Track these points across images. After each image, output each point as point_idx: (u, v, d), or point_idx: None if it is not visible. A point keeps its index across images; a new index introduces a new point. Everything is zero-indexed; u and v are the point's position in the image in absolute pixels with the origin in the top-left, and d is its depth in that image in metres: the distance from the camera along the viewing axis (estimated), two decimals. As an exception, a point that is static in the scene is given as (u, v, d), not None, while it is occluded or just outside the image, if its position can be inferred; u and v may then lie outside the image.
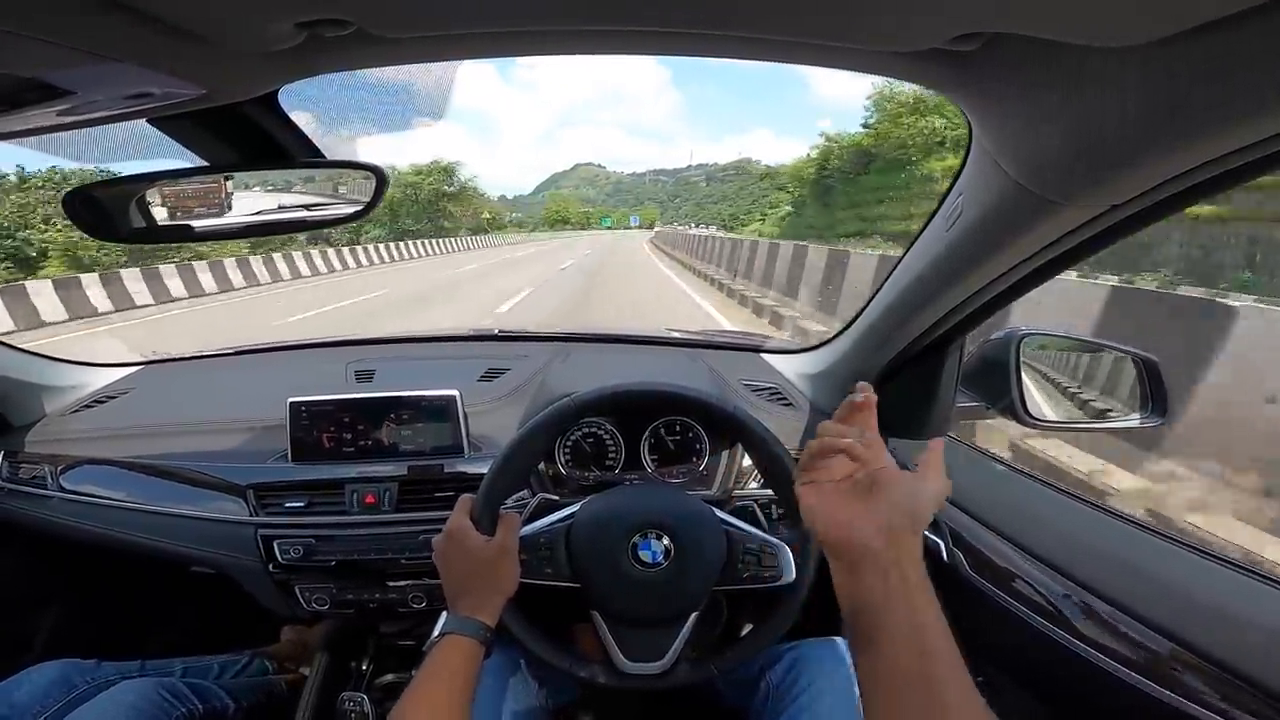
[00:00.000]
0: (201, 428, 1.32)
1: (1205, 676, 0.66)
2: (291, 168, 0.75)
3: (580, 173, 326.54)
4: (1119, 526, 0.90)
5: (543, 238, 75.16)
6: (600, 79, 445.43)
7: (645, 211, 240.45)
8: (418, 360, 1.68)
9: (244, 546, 1.17)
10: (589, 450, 1.19)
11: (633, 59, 3.33)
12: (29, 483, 1.27)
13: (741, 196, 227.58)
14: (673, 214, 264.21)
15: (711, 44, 0.54)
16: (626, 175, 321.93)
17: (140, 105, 0.56)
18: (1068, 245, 0.69)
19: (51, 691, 0.99)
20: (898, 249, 6.64)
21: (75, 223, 0.74)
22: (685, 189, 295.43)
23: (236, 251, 19.37)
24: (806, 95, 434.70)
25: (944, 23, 0.46)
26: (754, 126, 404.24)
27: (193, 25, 0.44)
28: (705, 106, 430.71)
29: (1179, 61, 0.42)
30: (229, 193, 0.75)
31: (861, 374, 1.19)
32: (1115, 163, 0.54)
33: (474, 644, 0.76)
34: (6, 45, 0.39)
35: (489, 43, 0.54)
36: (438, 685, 0.71)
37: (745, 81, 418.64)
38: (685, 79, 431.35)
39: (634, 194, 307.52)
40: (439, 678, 0.72)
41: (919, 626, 0.54)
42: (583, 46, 0.55)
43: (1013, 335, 1.05)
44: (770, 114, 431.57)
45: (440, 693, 0.71)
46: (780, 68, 76.56)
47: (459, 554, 0.81)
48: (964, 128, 0.66)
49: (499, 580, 0.82)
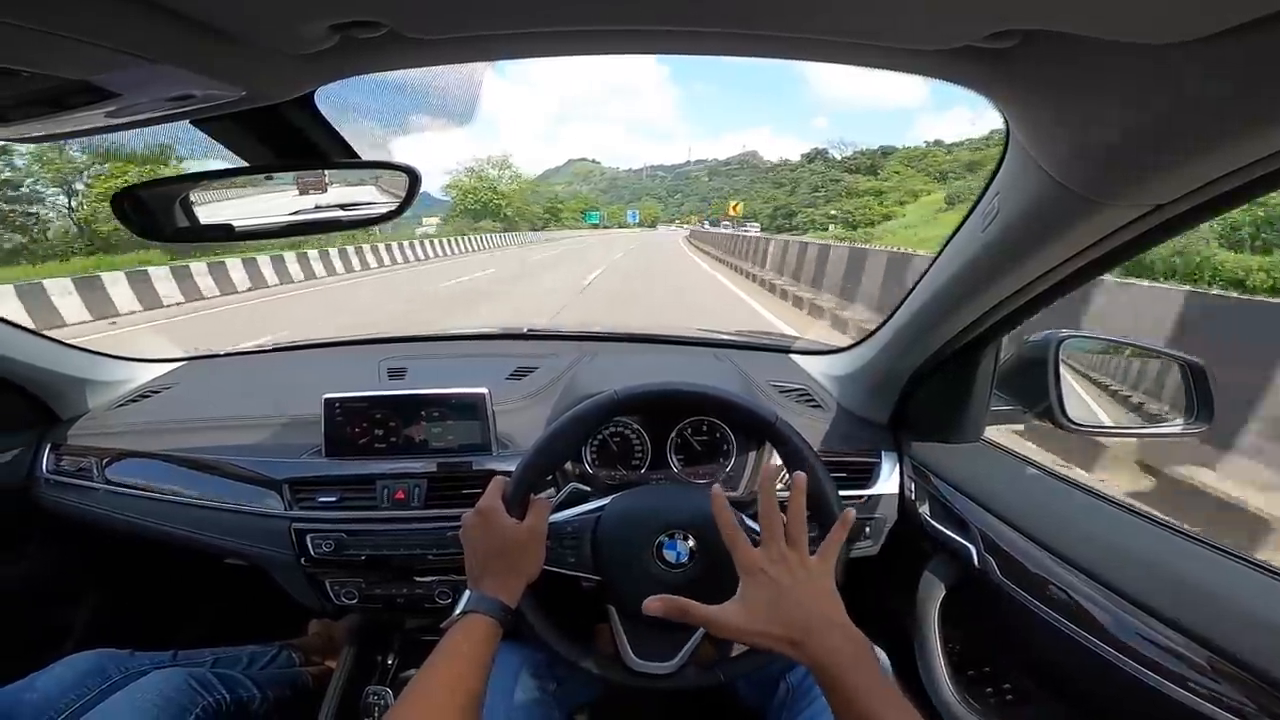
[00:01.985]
0: (239, 423, 1.35)
1: (1245, 687, 0.64)
2: (327, 167, 0.77)
3: (574, 169, 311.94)
4: (1156, 532, 0.87)
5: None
6: (598, 76, 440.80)
7: (645, 207, 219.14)
8: (449, 358, 1.71)
9: (278, 540, 1.19)
10: (615, 449, 1.19)
11: (633, 56, 3.35)
12: (75, 474, 1.32)
13: (754, 191, 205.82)
14: (673, 210, 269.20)
15: (746, 43, 0.54)
16: (623, 171, 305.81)
17: (183, 107, 0.58)
18: (1110, 246, 0.67)
19: (86, 680, 1.02)
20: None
21: (123, 222, 0.76)
22: (686, 183, 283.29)
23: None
24: (806, 93, 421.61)
25: (979, 19, 0.45)
26: (753, 125, 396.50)
27: (231, 27, 0.45)
28: (704, 104, 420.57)
29: (1224, 58, 0.40)
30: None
31: (892, 376, 1.18)
32: (1159, 162, 0.52)
33: (493, 625, 0.76)
34: (55, 48, 0.41)
35: (521, 44, 0.55)
36: (457, 664, 0.71)
37: (744, 79, 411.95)
38: (684, 76, 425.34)
39: (630, 190, 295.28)
40: (459, 656, 0.72)
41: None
42: (615, 46, 0.55)
43: (1052, 338, 1.02)
44: (769, 112, 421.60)
45: (459, 672, 0.70)
46: (780, 66, 75.58)
47: (488, 533, 0.82)
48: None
49: (524, 563, 0.82)
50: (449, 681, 0.69)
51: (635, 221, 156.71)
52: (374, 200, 0.81)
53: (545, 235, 61.35)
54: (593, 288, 13.94)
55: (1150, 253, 0.79)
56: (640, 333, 1.80)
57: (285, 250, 16.84)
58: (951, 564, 1.07)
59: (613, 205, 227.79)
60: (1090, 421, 1.06)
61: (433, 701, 0.67)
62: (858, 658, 0.64)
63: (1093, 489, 1.00)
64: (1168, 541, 0.85)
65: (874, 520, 1.21)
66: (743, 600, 0.71)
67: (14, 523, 1.35)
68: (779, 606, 0.69)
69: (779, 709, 0.98)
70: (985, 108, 0.60)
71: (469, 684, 0.70)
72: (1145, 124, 0.49)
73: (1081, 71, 0.49)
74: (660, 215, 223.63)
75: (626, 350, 1.72)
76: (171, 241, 0.82)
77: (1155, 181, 0.55)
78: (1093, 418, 1.09)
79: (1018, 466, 1.12)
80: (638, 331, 1.80)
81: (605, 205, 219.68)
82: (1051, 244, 0.70)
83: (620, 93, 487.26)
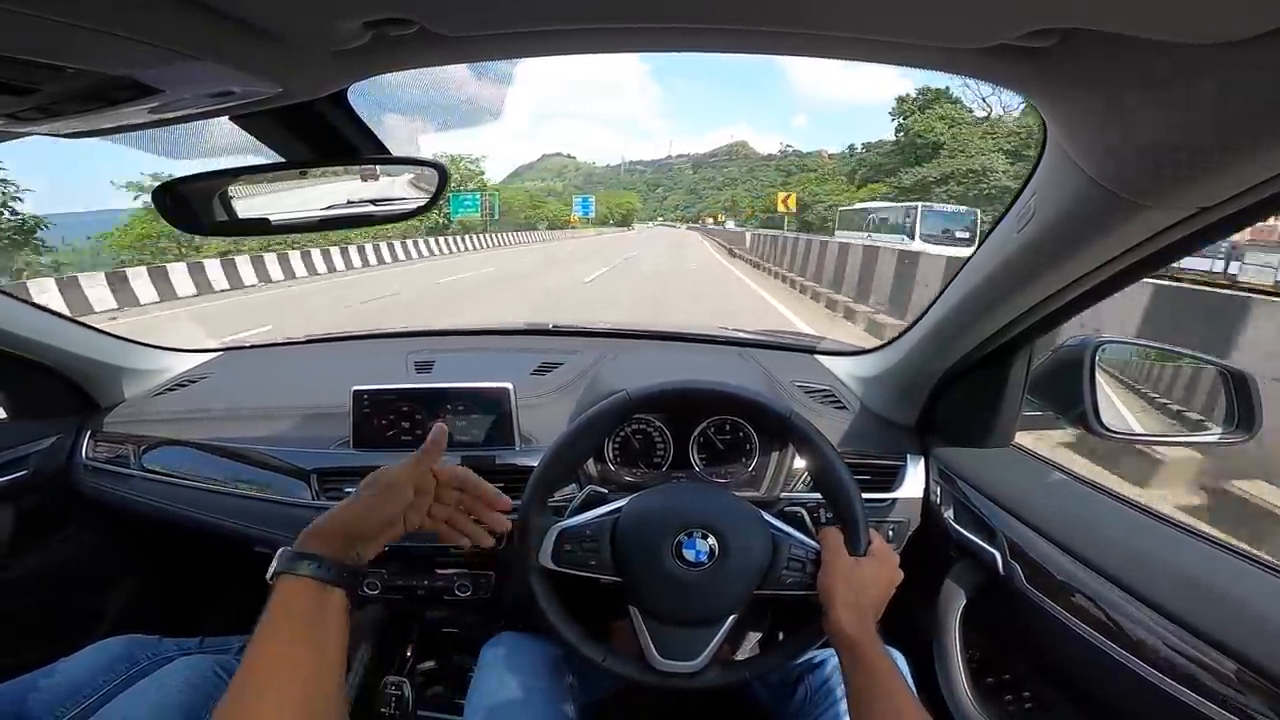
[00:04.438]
0: (271, 413, 1.38)
1: (1277, 702, 0.62)
2: (360, 163, 0.78)
3: (547, 164, 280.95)
4: (1187, 541, 0.84)
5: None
6: (578, 73, 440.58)
7: (613, 198, 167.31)
8: (475, 352, 1.72)
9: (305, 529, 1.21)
10: (638, 447, 1.19)
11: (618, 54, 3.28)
12: (113, 461, 1.36)
13: (754, 182, 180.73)
14: (655, 205, 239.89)
15: (783, 41, 0.53)
16: (600, 166, 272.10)
17: (223, 103, 0.59)
18: (1152, 249, 0.65)
19: (115, 666, 1.04)
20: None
21: (164, 216, 0.78)
22: (669, 177, 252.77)
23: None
24: (786, 90, 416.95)
25: (1017, 18, 0.44)
26: (733, 121, 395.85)
27: (270, 25, 0.46)
28: (685, 100, 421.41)
29: (1273, 59, 0.39)
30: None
31: (922, 378, 1.16)
32: (1203, 164, 0.51)
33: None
34: (98, 44, 0.42)
35: (552, 41, 0.55)
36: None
37: (726, 76, 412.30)
38: (665, 73, 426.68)
39: (608, 185, 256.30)
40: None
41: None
42: (648, 43, 0.54)
43: (1088, 342, 1.00)
44: (750, 109, 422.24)
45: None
46: (763, 62, 72.00)
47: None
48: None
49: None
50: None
51: (586, 215, 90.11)
52: (404, 195, 0.82)
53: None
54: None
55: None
56: (665, 330, 1.80)
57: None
58: (975, 570, 1.05)
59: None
60: (1125, 429, 1.03)
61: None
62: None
63: (1123, 496, 0.98)
64: (1200, 551, 0.82)
65: (897, 524, 1.20)
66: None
67: (53, 508, 1.39)
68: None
69: (796, 713, 0.97)
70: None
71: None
72: (1190, 125, 0.48)
73: (1123, 71, 0.48)
74: (639, 210, 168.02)
75: (651, 348, 1.72)
76: (210, 235, 0.84)
77: (1200, 184, 0.53)
78: (1127, 424, 1.06)
79: (1047, 472, 1.10)
80: (663, 329, 1.80)
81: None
82: (1090, 246, 0.68)
83: (600, 89, 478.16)
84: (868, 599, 0.81)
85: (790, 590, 0.86)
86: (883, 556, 0.86)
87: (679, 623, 0.86)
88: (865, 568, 0.83)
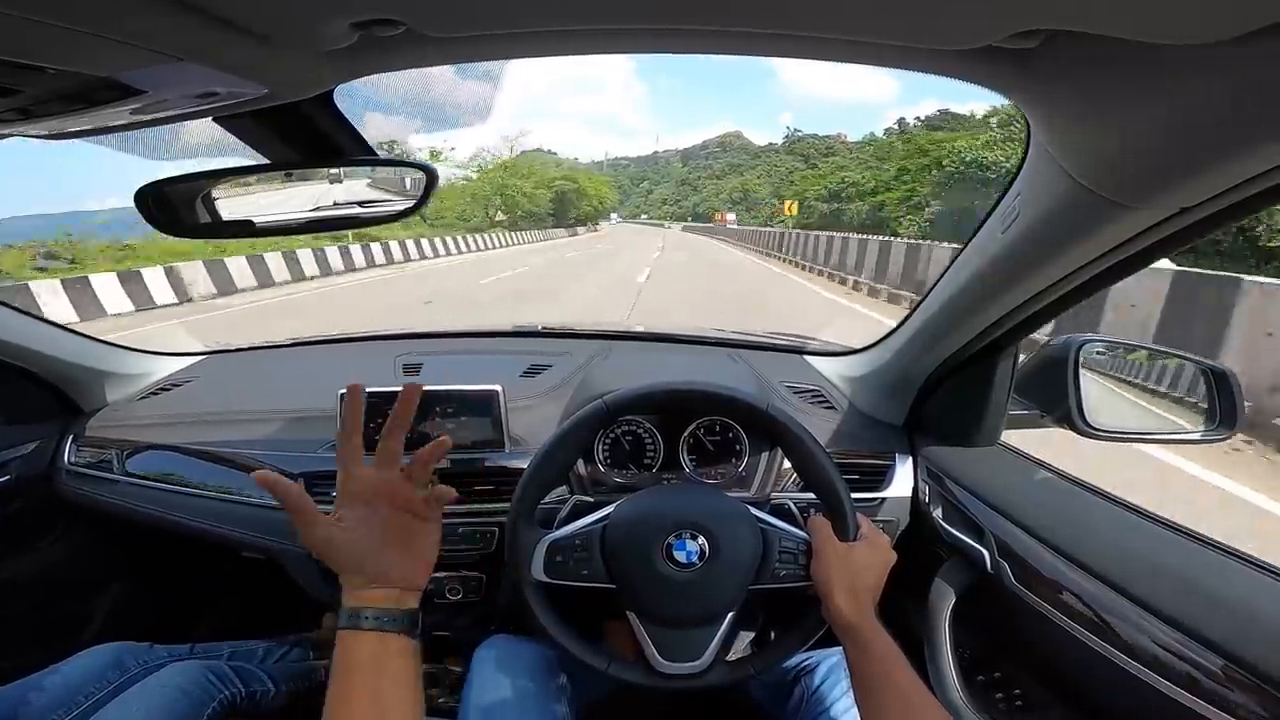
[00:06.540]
0: (257, 416, 1.37)
1: (1265, 699, 0.63)
2: (346, 165, 0.77)
3: (526, 160, 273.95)
4: (1176, 540, 0.85)
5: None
6: (560, 72, 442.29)
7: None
8: (464, 355, 1.71)
9: (293, 533, 1.20)
10: (628, 449, 1.19)
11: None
12: (96, 466, 1.34)
13: (764, 171, 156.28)
14: (639, 201, 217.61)
15: (768, 43, 0.53)
16: (582, 163, 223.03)
17: (207, 104, 0.59)
18: (1134, 249, 0.66)
19: (105, 673, 1.03)
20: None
21: (146, 218, 0.77)
22: (655, 171, 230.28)
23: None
24: (775, 88, 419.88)
25: (1001, 20, 0.44)
26: (720, 119, 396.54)
27: (256, 26, 0.45)
28: (670, 98, 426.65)
29: (1255, 60, 0.40)
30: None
31: (908, 378, 1.17)
32: (1186, 165, 0.51)
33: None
34: (81, 46, 0.41)
35: (540, 42, 0.55)
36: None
37: (712, 75, 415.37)
38: (649, 72, 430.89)
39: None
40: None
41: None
42: (634, 44, 0.54)
43: (1072, 341, 1.01)
44: (737, 109, 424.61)
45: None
46: (748, 62, 70.48)
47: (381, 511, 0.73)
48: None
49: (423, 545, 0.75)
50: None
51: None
52: (390, 197, 0.82)
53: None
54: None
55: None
56: (654, 331, 1.79)
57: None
58: (964, 568, 1.06)
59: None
60: (1108, 426, 1.05)
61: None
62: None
63: (1110, 494, 0.99)
64: (1187, 548, 0.83)
65: (886, 523, 1.21)
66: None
67: (36, 514, 1.37)
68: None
69: (794, 713, 0.98)
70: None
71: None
72: (1173, 126, 0.49)
73: (1106, 72, 0.48)
74: (613, 203, 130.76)
75: (640, 349, 1.71)
76: (193, 237, 0.83)
77: (1182, 185, 0.54)
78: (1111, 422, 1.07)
79: (1034, 470, 1.11)
80: (652, 331, 1.80)
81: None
82: (1073, 247, 0.69)
83: (583, 87, 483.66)
84: (863, 583, 0.81)
85: (785, 583, 0.87)
86: (873, 540, 0.87)
87: (678, 624, 0.86)
88: (857, 552, 0.84)
